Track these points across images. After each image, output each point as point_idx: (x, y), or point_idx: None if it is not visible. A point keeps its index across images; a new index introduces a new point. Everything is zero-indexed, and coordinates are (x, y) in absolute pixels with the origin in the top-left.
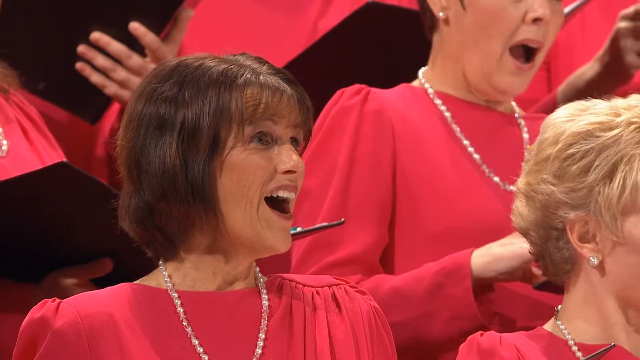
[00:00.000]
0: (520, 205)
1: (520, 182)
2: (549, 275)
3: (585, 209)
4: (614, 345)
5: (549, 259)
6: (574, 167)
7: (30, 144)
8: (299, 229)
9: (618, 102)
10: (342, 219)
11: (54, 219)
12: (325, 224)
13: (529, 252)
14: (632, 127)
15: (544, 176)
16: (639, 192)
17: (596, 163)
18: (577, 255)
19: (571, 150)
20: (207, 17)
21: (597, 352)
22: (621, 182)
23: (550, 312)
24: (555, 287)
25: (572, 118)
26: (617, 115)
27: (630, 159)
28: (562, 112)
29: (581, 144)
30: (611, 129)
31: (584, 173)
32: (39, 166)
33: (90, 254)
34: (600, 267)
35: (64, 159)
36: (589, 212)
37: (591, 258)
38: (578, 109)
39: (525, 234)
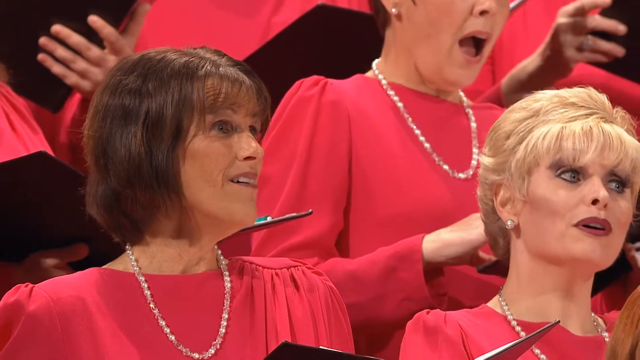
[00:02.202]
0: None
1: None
2: (493, 251)
3: (504, 173)
4: (558, 322)
5: (490, 234)
6: (499, 133)
7: (15, 131)
8: (268, 219)
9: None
10: (310, 210)
11: (32, 205)
12: (294, 214)
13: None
14: (555, 99)
15: (484, 150)
16: (538, 152)
17: (516, 130)
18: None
19: (500, 122)
20: (164, 12)
21: (541, 329)
22: (526, 143)
23: (494, 293)
24: (499, 270)
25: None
26: (549, 92)
27: (543, 124)
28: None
29: (511, 116)
30: (537, 101)
31: (505, 139)
32: (22, 152)
33: (67, 239)
34: (517, 230)
35: (43, 149)
36: (507, 175)
37: (508, 221)
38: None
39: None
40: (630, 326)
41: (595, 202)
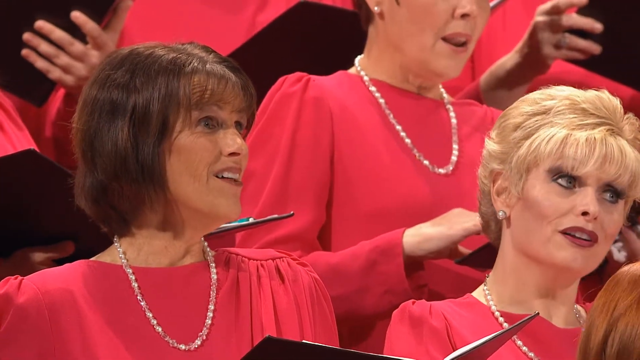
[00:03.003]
0: None
1: None
2: (485, 233)
3: (506, 164)
4: (537, 314)
5: (483, 215)
6: (508, 122)
7: (3, 131)
8: (250, 220)
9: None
10: (292, 212)
11: (20, 202)
12: (275, 215)
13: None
14: (566, 101)
15: (492, 133)
16: (539, 154)
17: (525, 124)
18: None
19: (512, 111)
20: (149, 9)
21: (520, 321)
22: (530, 142)
23: (473, 286)
24: (475, 262)
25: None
26: (564, 91)
27: (550, 126)
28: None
29: (523, 107)
30: (552, 99)
31: (514, 130)
32: (10, 150)
33: (54, 236)
34: (507, 222)
35: (30, 147)
36: (507, 167)
37: (500, 212)
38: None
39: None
40: (605, 313)
41: (585, 214)
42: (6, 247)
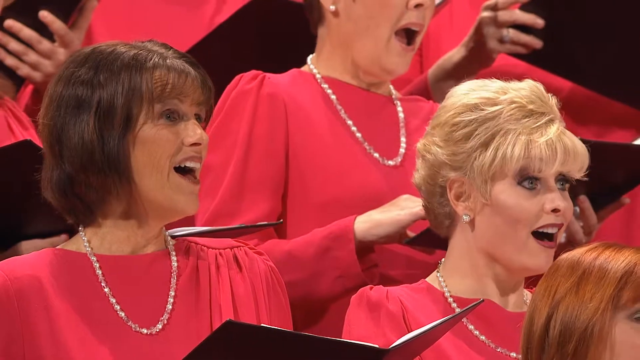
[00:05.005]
0: (418, 163)
1: (419, 142)
2: (434, 228)
3: (463, 171)
4: (483, 300)
5: (432, 213)
6: (458, 133)
7: (15, 138)
8: (242, 225)
9: (510, 83)
10: (281, 220)
11: (17, 195)
12: (265, 222)
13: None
14: (513, 105)
15: (435, 139)
16: (506, 162)
17: (476, 132)
18: (454, 212)
19: (458, 119)
20: (113, 9)
21: (467, 307)
22: (493, 151)
23: (421, 267)
24: (423, 242)
25: (468, 92)
26: (504, 93)
27: (505, 132)
28: (464, 86)
29: (467, 114)
30: (495, 104)
31: (465, 140)
32: None
33: (49, 229)
34: (472, 224)
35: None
36: (466, 175)
37: (464, 215)
38: (477, 84)
39: (419, 188)
40: (547, 297)
41: (555, 210)
42: (5, 239)
